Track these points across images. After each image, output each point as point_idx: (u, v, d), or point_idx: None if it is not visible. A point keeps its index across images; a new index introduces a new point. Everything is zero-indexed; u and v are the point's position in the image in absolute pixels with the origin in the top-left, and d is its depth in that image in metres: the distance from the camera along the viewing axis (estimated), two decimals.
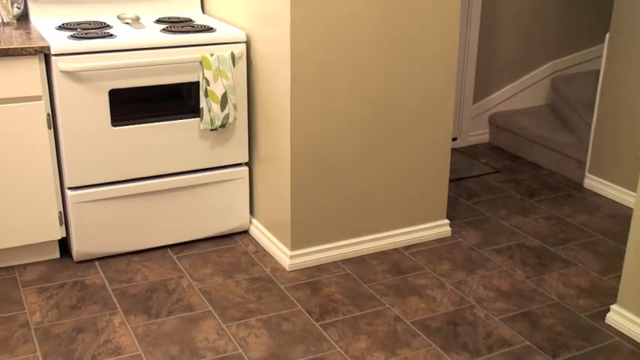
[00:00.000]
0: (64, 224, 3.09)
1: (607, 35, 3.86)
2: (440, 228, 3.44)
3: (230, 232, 3.39)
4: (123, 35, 3.00)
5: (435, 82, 3.17)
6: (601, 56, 4.00)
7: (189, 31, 3.08)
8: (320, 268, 3.14)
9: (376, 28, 2.96)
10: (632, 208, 2.67)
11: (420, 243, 3.38)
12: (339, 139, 3.04)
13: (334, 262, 3.19)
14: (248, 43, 3.15)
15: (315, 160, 3.02)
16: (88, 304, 2.83)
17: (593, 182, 4.05)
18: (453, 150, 4.54)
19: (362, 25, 2.92)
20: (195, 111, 3.13)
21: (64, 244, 3.21)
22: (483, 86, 4.68)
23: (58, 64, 2.82)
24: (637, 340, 2.67)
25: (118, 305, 2.82)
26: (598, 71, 4.01)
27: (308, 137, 2.97)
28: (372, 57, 2.99)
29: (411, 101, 3.15)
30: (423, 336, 2.68)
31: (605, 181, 3.98)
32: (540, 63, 4.83)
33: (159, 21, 3.30)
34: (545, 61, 4.84)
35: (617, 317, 2.76)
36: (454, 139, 4.65)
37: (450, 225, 3.49)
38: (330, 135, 3.02)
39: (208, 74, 3.02)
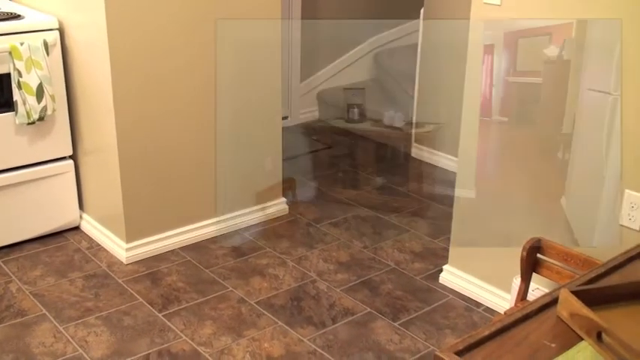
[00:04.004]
0: None
1: (422, 10, 4.02)
2: (277, 207, 3.46)
3: (60, 230, 3.23)
4: None
5: (261, 62, 3.17)
6: (418, 30, 4.15)
7: None
8: (159, 258, 3.06)
9: (191, 8, 2.90)
10: (456, 173, 2.83)
11: (258, 223, 3.38)
12: (167, 125, 2.97)
13: (173, 251, 3.12)
14: (62, 30, 2.99)
15: (144, 148, 2.93)
16: None
17: (419, 151, 4.23)
18: (285, 129, 4.56)
19: (176, 3, 2.85)
20: (8, 105, 2.93)
21: None
22: (310, 64, 4.74)
23: None
24: (468, 295, 2.83)
25: None
26: (417, 44, 4.17)
27: (134, 125, 2.87)
28: (190, 38, 2.93)
29: (238, 82, 3.12)
30: (269, 315, 2.69)
31: (431, 150, 4.16)
32: (363, 39, 4.96)
33: None
34: (367, 37, 4.97)
35: (450, 276, 2.91)
36: (285, 118, 4.68)
37: (287, 203, 3.52)
38: (158, 121, 2.93)
39: (19, 65, 2.84)
